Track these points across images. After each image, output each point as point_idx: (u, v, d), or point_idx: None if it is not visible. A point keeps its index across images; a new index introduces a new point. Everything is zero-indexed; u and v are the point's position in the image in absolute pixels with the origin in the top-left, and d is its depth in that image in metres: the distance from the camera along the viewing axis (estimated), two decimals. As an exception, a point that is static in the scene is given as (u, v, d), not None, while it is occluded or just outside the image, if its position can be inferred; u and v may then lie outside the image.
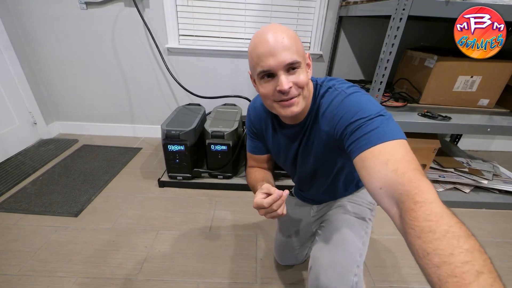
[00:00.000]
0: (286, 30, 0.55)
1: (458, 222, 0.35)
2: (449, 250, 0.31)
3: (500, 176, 1.56)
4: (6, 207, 1.29)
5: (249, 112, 0.80)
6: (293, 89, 0.56)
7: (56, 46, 1.77)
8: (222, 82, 1.91)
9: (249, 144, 0.84)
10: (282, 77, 0.54)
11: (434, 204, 0.36)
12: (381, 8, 1.11)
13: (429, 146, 1.30)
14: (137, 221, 1.27)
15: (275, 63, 0.53)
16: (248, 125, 0.81)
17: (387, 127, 0.47)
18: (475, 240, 0.33)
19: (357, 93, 0.57)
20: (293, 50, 0.53)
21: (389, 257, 1.15)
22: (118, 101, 1.98)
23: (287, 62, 0.53)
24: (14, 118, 1.73)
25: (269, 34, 0.53)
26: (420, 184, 0.37)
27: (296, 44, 0.54)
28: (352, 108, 0.53)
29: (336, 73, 1.88)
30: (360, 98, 0.55)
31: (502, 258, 1.17)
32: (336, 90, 0.60)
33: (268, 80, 0.57)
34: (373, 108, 0.51)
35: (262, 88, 0.58)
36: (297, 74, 0.55)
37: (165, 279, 1.00)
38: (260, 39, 0.54)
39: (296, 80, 0.55)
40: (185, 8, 1.69)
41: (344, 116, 0.53)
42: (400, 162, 0.42)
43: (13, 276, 0.98)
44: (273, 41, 0.53)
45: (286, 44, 0.53)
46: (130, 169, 1.68)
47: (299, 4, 1.69)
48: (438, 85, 1.34)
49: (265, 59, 0.54)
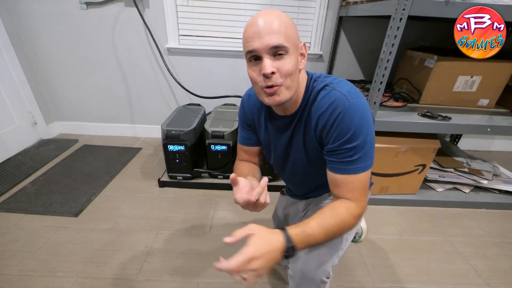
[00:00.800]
0: (279, 15, 0.54)
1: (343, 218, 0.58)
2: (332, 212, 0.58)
3: (500, 176, 1.56)
4: (6, 207, 1.29)
5: (243, 101, 0.79)
6: (277, 76, 0.54)
7: (56, 46, 1.77)
8: (222, 82, 1.91)
9: (240, 135, 0.82)
10: (265, 60, 0.53)
11: (347, 208, 0.59)
12: (381, 8, 1.11)
13: (429, 146, 1.30)
14: (137, 221, 1.27)
15: (259, 45, 0.52)
16: (241, 115, 0.80)
17: (363, 159, 0.57)
18: (338, 221, 0.57)
19: (356, 100, 0.55)
20: (280, 34, 0.52)
21: (389, 257, 1.15)
22: (118, 101, 1.98)
23: (271, 45, 0.52)
24: (14, 118, 1.73)
25: (259, 17, 0.53)
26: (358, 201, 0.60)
27: (286, 28, 0.53)
28: (344, 128, 0.55)
29: (336, 73, 1.88)
30: (355, 114, 0.55)
31: (502, 258, 1.17)
32: (335, 90, 0.58)
33: (255, 64, 0.56)
34: (363, 131, 0.56)
35: (250, 72, 0.58)
36: (283, 60, 0.54)
37: (165, 279, 1.00)
38: (250, 22, 0.55)
39: (280, 67, 0.54)
40: (185, 8, 1.69)
41: (336, 135, 0.57)
42: (358, 190, 0.60)
43: (13, 276, 0.98)
44: (262, 23, 0.52)
45: (274, 27, 0.52)
46: (130, 169, 1.68)
47: (299, 4, 1.69)
48: (438, 85, 1.34)
49: (251, 40, 0.53)
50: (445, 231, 1.30)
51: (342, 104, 0.55)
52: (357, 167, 0.57)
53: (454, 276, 1.08)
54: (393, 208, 1.44)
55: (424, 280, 1.06)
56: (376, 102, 1.14)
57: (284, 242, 0.52)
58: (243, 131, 0.81)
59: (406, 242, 1.23)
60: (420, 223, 1.35)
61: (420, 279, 1.06)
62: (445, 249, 1.20)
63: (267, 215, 1.30)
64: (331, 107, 0.56)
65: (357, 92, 0.58)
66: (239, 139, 0.83)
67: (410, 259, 1.15)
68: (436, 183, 1.53)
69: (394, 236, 1.26)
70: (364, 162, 0.57)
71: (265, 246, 0.51)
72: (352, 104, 0.55)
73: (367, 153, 0.57)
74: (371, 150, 0.59)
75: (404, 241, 1.24)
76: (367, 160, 0.58)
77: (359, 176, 0.58)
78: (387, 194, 1.45)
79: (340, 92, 0.57)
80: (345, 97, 0.56)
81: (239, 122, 0.83)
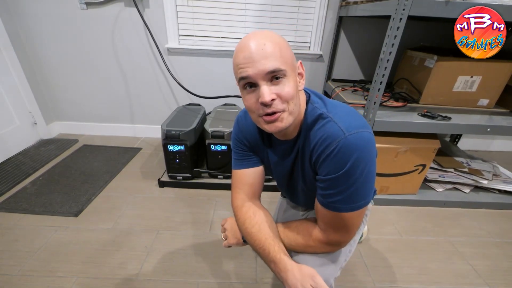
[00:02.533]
0: (270, 36, 0.50)
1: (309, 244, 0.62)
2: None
3: (500, 176, 1.56)
4: (6, 207, 1.29)
5: (238, 121, 0.71)
6: (277, 102, 0.50)
7: (56, 46, 1.77)
8: (222, 82, 1.91)
9: (237, 161, 0.71)
10: (263, 87, 0.48)
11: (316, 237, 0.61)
12: (381, 8, 1.11)
13: (429, 146, 1.30)
14: (137, 221, 1.27)
15: (253, 71, 0.48)
16: (238, 137, 0.70)
17: (347, 200, 0.53)
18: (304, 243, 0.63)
19: (353, 137, 0.49)
20: (276, 57, 0.48)
21: (389, 257, 1.15)
22: (118, 101, 1.98)
23: (267, 70, 0.47)
24: (14, 118, 1.73)
25: (250, 41, 0.49)
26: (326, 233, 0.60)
27: (281, 50, 0.49)
28: (336, 166, 0.51)
29: (336, 73, 1.88)
30: (350, 153, 0.49)
31: (502, 258, 1.17)
32: (332, 122, 0.52)
33: (250, 91, 0.51)
34: (356, 172, 0.50)
35: (245, 100, 0.53)
36: (281, 85, 0.49)
37: (165, 279, 1.00)
38: (240, 46, 0.50)
39: (280, 92, 0.49)
40: (185, 8, 1.69)
41: (326, 171, 0.53)
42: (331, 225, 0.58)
43: (13, 276, 0.98)
44: (253, 47, 0.48)
45: (268, 50, 0.48)
46: (130, 169, 1.68)
47: (299, 4, 1.69)
48: (438, 85, 1.34)
49: (244, 67, 0.49)
50: (445, 231, 1.30)
51: (338, 140, 0.50)
52: (340, 206, 0.53)
53: (454, 276, 1.08)
54: (393, 208, 1.44)
55: (424, 280, 1.06)
56: (376, 102, 1.14)
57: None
58: (239, 153, 0.70)
59: (406, 242, 1.23)
60: (420, 223, 1.35)
61: (420, 279, 1.06)
62: (445, 249, 1.21)
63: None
64: (326, 141, 0.51)
65: (359, 126, 0.51)
66: (236, 165, 0.71)
67: (410, 259, 1.15)
68: (436, 183, 1.53)
69: (394, 236, 1.26)
70: (350, 203, 0.53)
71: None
72: (348, 142, 0.49)
73: (354, 195, 0.52)
74: (362, 191, 0.53)
75: (404, 241, 1.24)
76: (355, 202, 0.53)
77: (338, 214, 0.54)
78: (387, 194, 1.46)
79: (338, 126, 0.51)
80: (343, 132, 0.50)
81: (233, 146, 0.72)
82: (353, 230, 0.58)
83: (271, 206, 1.40)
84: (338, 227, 0.57)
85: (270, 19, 1.72)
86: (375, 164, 0.54)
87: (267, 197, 1.47)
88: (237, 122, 0.72)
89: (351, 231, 0.58)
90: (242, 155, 0.71)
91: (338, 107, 0.56)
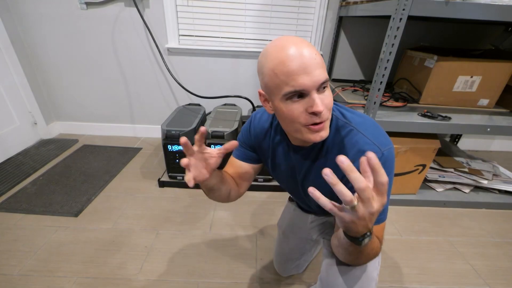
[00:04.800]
0: (307, 43, 0.49)
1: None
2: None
3: (500, 176, 1.56)
4: (6, 207, 1.29)
5: (250, 123, 0.72)
6: (325, 112, 0.50)
7: (56, 46, 1.77)
8: (222, 82, 1.91)
9: (237, 150, 0.74)
10: (315, 97, 0.47)
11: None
12: (381, 8, 1.11)
13: (429, 146, 1.30)
14: (137, 221, 1.27)
15: (310, 82, 0.46)
16: (245, 135, 0.73)
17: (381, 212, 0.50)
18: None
19: (388, 153, 0.52)
20: (322, 66, 0.48)
21: (389, 257, 1.15)
22: (118, 101, 1.98)
23: (321, 81, 0.47)
24: (14, 118, 1.73)
25: (301, 49, 0.46)
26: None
27: (322, 59, 0.49)
28: None
29: (336, 73, 1.88)
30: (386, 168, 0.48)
31: (502, 258, 1.17)
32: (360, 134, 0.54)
33: (297, 101, 0.49)
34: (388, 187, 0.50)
35: (288, 110, 0.50)
36: (325, 94, 0.50)
37: (165, 279, 1.00)
38: (288, 54, 0.46)
39: (326, 102, 0.50)
40: (185, 8, 1.69)
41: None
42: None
43: (13, 276, 0.98)
44: (307, 56, 0.46)
45: (319, 60, 0.47)
46: (130, 169, 1.68)
47: (299, 4, 1.69)
48: (438, 85, 1.34)
49: (297, 78, 0.46)
50: (445, 231, 1.30)
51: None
52: (380, 218, 0.54)
53: (454, 276, 1.08)
54: (393, 208, 1.44)
55: (424, 280, 1.06)
56: (376, 102, 1.14)
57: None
58: (242, 148, 0.74)
59: (406, 242, 1.23)
60: (420, 223, 1.35)
61: (420, 279, 1.06)
62: (445, 249, 1.21)
63: (273, 221, 1.30)
64: (359, 155, 0.51)
65: (388, 141, 0.53)
66: (234, 153, 0.74)
67: (410, 259, 1.15)
68: (436, 183, 1.53)
69: (394, 236, 1.26)
70: (385, 214, 0.54)
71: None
72: (385, 159, 0.51)
73: (387, 205, 0.53)
74: (388, 203, 0.54)
75: (404, 241, 1.24)
76: (384, 212, 0.54)
77: (381, 225, 0.54)
78: (387, 194, 1.45)
79: (369, 140, 0.52)
80: (378, 148, 0.51)
81: (239, 138, 0.75)
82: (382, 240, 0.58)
83: (271, 206, 1.41)
84: (379, 237, 0.55)
85: (270, 19, 1.72)
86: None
87: (267, 197, 1.47)
88: (249, 124, 0.73)
89: (381, 241, 0.57)
90: (243, 147, 0.73)
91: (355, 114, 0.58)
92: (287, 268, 1.00)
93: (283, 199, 1.46)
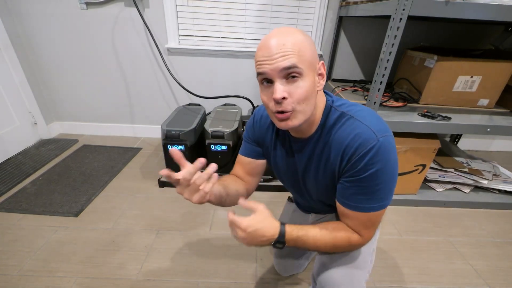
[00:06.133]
0: (293, 33, 0.49)
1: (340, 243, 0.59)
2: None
3: (500, 176, 1.56)
4: (6, 207, 1.29)
5: (254, 118, 0.73)
6: (288, 102, 0.50)
7: (56, 46, 1.77)
8: (222, 82, 1.91)
9: (244, 147, 0.76)
10: (276, 84, 0.49)
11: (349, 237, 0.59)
12: (381, 8, 1.11)
13: (429, 146, 1.30)
14: (137, 221, 1.27)
15: (269, 67, 0.48)
16: (249, 131, 0.74)
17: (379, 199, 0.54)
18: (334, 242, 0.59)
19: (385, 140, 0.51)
20: (294, 55, 0.47)
21: (389, 257, 1.15)
22: (118, 101, 1.98)
23: (281, 67, 0.48)
24: (14, 118, 1.73)
25: (271, 38, 0.49)
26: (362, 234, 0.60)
27: (300, 49, 0.48)
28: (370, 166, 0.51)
29: (336, 73, 1.88)
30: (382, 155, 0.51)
31: (502, 258, 1.17)
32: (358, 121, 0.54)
33: (267, 86, 0.52)
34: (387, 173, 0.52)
35: (262, 95, 0.54)
36: (295, 84, 0.49)
37: (165, 279, 1.00)
38: (263, 42, 0.50)
39: (293, 91, 0.49)
40: (185, 8, 1.69)
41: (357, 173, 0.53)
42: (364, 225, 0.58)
43: (13, 276, 0.98)
44: (273, 44, 0.48)
45: (287, 47, 0.47)
46: (130, 169, 1.68)
47: (299, 4, 1.69)
48: (438, 85, 1.34)
49: (262, 63, 0.49)
50: (445, 231, 1.30)
51: (371, 142, 0.51)
52: (371, 206, 0.55)
53: (454, 276, 1.08)
54: (393, 208, 1.44)
55: (424, 280, 1.06)
56: (376, 102, 1.14)
57: (276, 235, 0.56)
58: (247, 143, 0.75)
59: (406, 242, 1.23)
60: (420, 223, 1.35)
61: (420, 279, 1.06)
62: (445, 249, 1.21)
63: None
64: (357, 141, 0.52)
65: (386, 129, 0.53)
66: (241, 150, 0.76)
67: (410, 259, 1.15)
68: (436, 183, 1.53)
69: (394, 236, 1.26)
70: (379, 202, 0.55)
71: (257, 226, 0.54)
72: (381, 144, 0.50)
73: (385, 193, 0.54)
74: (390, 191, 0.55)
75: (404, 241, 1.24)
76: (383, 200, 0.55)
77: (369, 213, 0.56)
78: (387, 194, 1.45)
79: (366, 126, 0.52)
80: (374, 134, 0.51)
81: (244, 135, 0.76)
82: (378, 224, 0.60)
83: (271, 206, 1.40)
84: (369, 225, 0.58)
85: (270, 19, 1.72)
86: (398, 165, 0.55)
87: (268, 197, 1.47)
88: (252, 119, 0.74)
89: (377, 226, 0.60)
90: (248, 143, 0.74)
91: (357, 106, 0.58)
92: (287, 268, 1.00)
93: (283, 199, 1.45)
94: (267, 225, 0.55)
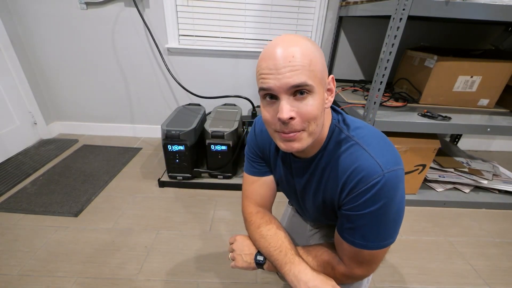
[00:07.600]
0: (302, 43, 0.43)
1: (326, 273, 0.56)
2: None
3: (500, 176, 1.56)
4: (6, 207, 1.29)
5: (254, 131, 0.67)
6: (297, 122, 0.44)
7: (56, 46, 1.77)
8: (222, 82, 1.91)
9: (251, 167, 0.68)
10: (283, 103, 0.43)
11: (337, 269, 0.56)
12: (381, 8, 1.11)
13: (429, 146, 1.30)
14: (137, 221, 1.27)
15: (276, 83, 0.42)
16: (252, 146, 0.68)
17: (377, 238, 0.49)
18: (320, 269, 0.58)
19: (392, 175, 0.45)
20: (304, 70, 0.41)
21: (389, 257, 1.15)
22: (118, 101, 1.98)
23: (291, 85, 0.41)
24: (14, 118, 1.73)
25: (277, 48, 0.42)
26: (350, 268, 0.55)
27: (312, 62, 0.42)
28: (371, 202, 0.46)
29: (336, 73, 1.88)
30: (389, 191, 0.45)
31: (502, 258, 1.17)
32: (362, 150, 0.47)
33: (270, 103, 0.46)
34: (391, 211, 0.47)
35: (263, 111, 0.47)
36: (305, 102, 0.43)
37: (165, 279, 1.00)
38: (267, 51, 0.44)
39: (302, 110, 0.43)
40: (185, 8, 1.69)
41: (360, 205, 0.47)
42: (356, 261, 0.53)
43: (13, 276, 0.98)
44: (280, 55, 0.41)
45: (297, 61, 0.41)
46: (130, 169, 1.68)
47: (299, 4, 1.69)
48: (438, 85, 1.34)
49: (266, 77, 0.43)
50: (445, 231, 1.30)
51: (376, 177, 0.44)
52: (365, 244, 0.49)
53: (454, 276, 1.08)
54: (393, 208, 1.44)
55: (424, 280, 1.06)
56: (376, 102, 1.14)
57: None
58: (254, 162, 0.67)
59: (406, 242, 1.23)
60: (420, 223, 1.35)
61: (420, 279, 1.06)
62: (445, 249, 1.21)
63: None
64: (359, 174, 0.46)
65: (395, 162, 0.46)
66: (250, 171, 0.68)
67: (410, 259, 1.15)
68: (436, 183, 1.53)
69: (394, 236, 1.26)
70: (377, 241, 0.49)
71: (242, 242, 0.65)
72: (387, 181, 0.44)
73: (386, 233, 0.48)
74: (394, 230, 0.50)
75: (404, 241, 1.24)
76: (383, 240, 0.49)
77: (363, 250, 0.50)
78: (387, 194, 1.45)
79: (371, 157, 0.46)
80: (380, 168, 0.44)
81: (247, 154, 0.69)
82: (378, 263, 0.54)
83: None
84: (362, 262, 0.52)
85: (270, 19, 1.72)
86: (404, 201, 0.50)
87: (267, 197, 1.47)
88: (252, 133, 0.68)
89: (375, 265, 0.54)
90: (253, 160, 0.68)
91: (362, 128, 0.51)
92: None
93: (283, 199, 1.45)
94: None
